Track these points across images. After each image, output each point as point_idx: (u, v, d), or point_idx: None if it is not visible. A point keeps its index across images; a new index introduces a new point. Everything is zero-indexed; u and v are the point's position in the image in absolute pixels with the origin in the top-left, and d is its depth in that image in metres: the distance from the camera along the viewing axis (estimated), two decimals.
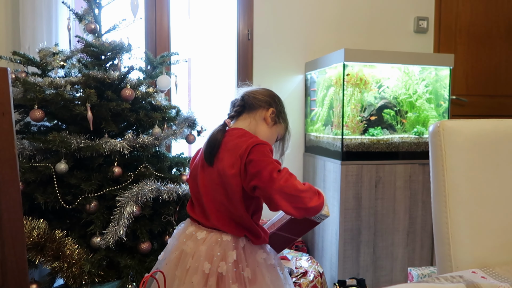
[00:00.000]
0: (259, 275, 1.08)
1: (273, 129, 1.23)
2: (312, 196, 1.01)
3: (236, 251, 1.07)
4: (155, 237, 1.57)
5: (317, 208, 1.02)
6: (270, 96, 1.24)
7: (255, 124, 1.20)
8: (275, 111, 1.22)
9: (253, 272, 1.08)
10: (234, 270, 1.05)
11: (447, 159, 0.85)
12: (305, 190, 1.01)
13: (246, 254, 1.10)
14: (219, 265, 1.04)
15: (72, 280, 1.33)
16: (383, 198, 2.03)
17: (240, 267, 1.06)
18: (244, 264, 1.07)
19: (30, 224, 1.32)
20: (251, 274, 1.07)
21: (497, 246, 0.86)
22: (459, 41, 2.71)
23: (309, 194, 1.01)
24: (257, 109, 1.20)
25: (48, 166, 1.42)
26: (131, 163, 1.61)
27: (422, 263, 2.09)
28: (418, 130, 2.12)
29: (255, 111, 1.20)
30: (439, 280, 0.74)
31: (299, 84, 2.50)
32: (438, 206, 0.86)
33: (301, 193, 1.00)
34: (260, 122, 1.21)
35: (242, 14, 2.40)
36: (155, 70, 1.82)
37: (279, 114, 1.23)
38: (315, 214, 1.04)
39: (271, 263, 1.13)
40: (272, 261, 1.13)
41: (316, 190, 1.04)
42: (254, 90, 1.24)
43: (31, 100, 1.47)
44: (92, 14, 1.71)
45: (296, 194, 1.00)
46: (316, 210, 1.02)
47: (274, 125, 1.23)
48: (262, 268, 1.09)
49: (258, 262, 1.10)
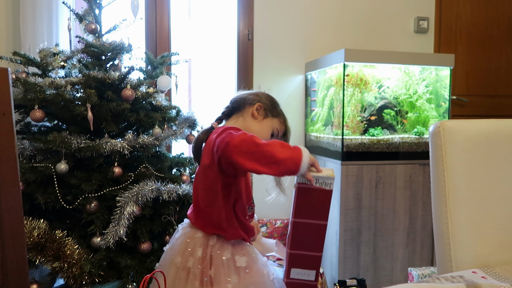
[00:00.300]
0: (222, 276, 1.04)
1: (264, 123, 1.19)
2: (279, 148, 0.93)
3: (202, 248, 1.08)
4: (155, 237, 1.57)
5: (292, 159, 0.93)
6: (257, 93, 1.22)
7: (243, 121, 1.18)
8: (262, 105, 1.19)
9: (217, 272, 1.05)
10: (198, 266, 1.06)
11: (447, 159, 0.85)
12: (267, 144, 0.94)
13: (213, 253, 1.07)
14: (188, 259, 1.07)
15: (73, 280, 1.34)
16: (383, 198, 2.03)
17: (204, 264, 1.06)
18: (208, 262, 1.07)
19: (30, 224, 1.32)
20: (214, 274, 1.04)
21: (497, 246, 0.86)
22: (460, 41, 2.71)
23: (275, 147, 0.93)
24: (244, 107, 1.19)
25: (48, 166, 1.42)
26: (131, 163, 1.62)
27: (422, 263, 2.09)
28: (419, 130, 2.12)
29: (243, 110, 1.19)
30: (440, 280, 0.74)
31: (299, 84, 2.50)
32: (438, 206, 0.86)
33: (262, 147, 0.93)
34: (248, 118, 1.18)
35: (243, 14, 2.40)
36: (155, 70, 1.82)
37: (268, 108, 1.20)
38: (295, 167, 0.93)
39: (242, 265, 1.05)
40: (243, 264, 1.05)
41: (285, 144, 0.97)
42: (242, 93, 1.24)
43: (31, 100, 1.47)
44: (93, 15, 1.71)
45: (256, 150, 0.92)
46: (293, 161, 0.93)
47: (264, 119, 1.19)
48: (227, 270, 1.04)
49: (222, 262, 1.06)
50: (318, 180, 1.00)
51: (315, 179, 1.00)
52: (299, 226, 1.05)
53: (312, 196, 1.02)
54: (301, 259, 1.06)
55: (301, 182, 1.01)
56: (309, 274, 1.07)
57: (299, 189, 1.02)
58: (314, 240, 1.06)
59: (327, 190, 1.01)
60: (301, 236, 1.05)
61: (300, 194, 1.03)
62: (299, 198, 1.03)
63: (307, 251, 1.06)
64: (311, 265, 1.07)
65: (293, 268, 1.07)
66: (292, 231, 1.05)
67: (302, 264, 1.07)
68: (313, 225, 1.05)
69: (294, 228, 1.05)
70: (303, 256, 1.06)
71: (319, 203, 1.03)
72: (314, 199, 1.02)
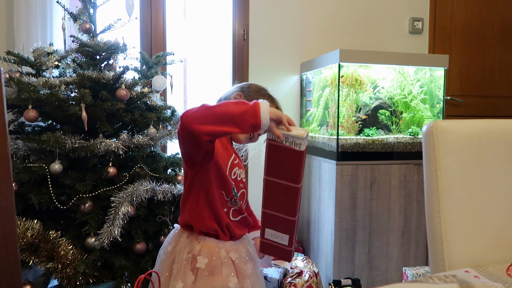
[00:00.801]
0: (179, 274, 1.04)
1: None
2: (232, 105, 0.91)
3: (174, 244, 1.11)
4: (150, 238, 1.56)
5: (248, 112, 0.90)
6: (242, 86, 1.21)
7: None
8: (241, 94, 1.17)
9: (177, 269, 1.05)
10: (168, 262, 1.09)
11: (440, 159, 0.86)
12: (219, 105, 0.93)
13: (180, 249, 1.08)
14: (163, 255, 1.14)
15: (67, 281, 1.33)
16: (378, 198, 2.03)
17: (170, 260, 1.09)
18: (173, 258, 1.08)
19: (24, 224, 1.31)
20: (176, 270, 1.05)
21: (490, 245, 0.87)
22: (454, 42, 2.72)
23: (228, 106, 0.92)
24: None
25: (42, 166, 1.41)
26: (126, 163, 1.61)
27: (417, 263, 2.10)
28: (413, 131, 2.13)
29: None
30: (433, 280, 0.74)
31: (295, 84, 2.50)
32: (431, 206, 0.87)
33: (214, 108, 0.91)
34: None
35: (238, 14, 2.40)
36: (150, 70, 1.82)
37: (249, 95, 1.18)
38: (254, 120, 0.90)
39: (201, 267, 1.03)
40: (202, 265, 1.03)
41: (241, 101, 0.94)
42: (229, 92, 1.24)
43: (25, 100, 1.46)
44: (87, 14, 1.71)
45: (209, 112, 0.91)
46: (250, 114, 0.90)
47: None
48: (184, 268, 1.04)
49: (184, 259, 1.05)
50: (287, 138, 0.96)
51: (284, 137, 0.95)
52: (271, 185, 1.00)
53: (283, 155, 0.97)
54: (274, 220, 1.03)
55: (272, 139, 0.97)
56: (282, 238, 1.04)
57: (270, 146, 0.98)
58: (287, 203, 1.01)
59: (297, 150, 0.95)
60: (274, 197, 1.01)
61: (270, 150, 0.98)
62: (270, 155, 0.98)
63: (280, 213, 1.02)
64: (284, 228, 1.03)
65: (266, 228, 1.04)
66: (265, 189, 1.02)
67: (276, 226, 1.03)
68: (285, 186, 1.00)
69: (266, 187, 1.01)
70: (276, 217, 1.02)
71: (290, 164, 0.98)
72: (285, 158, 0.98)
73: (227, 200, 1.11)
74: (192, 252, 1.05)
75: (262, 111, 0.90)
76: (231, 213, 1.12)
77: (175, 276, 1.04)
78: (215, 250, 1.06)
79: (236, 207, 1.13)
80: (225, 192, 1.10)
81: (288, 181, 0.99)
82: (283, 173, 0.99)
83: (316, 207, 2.21)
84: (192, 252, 1.05)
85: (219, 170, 1.09)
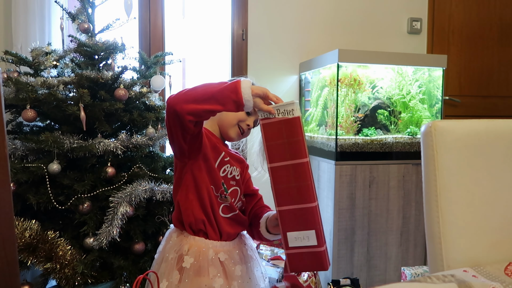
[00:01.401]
0: (165, 273, 1.03)
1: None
2: (214, 84, 0.92)
3: (164, 243, 1.11)
4: (148, 238, 1.56)
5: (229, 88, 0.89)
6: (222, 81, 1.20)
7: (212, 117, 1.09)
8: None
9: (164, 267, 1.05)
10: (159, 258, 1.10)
11: (438, 159, 0.86)
12: (202, 84, 0.94)
13: (169, 247, 1.08)
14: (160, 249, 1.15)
15: (65, 281, 1.33)
16: (376, 198, 2.04)
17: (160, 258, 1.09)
18: (161, 256, 1.09)
19: (22, 225, 1.31)
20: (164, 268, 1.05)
21: (488, 245, 0.87)
22: (452, 42, 2.73)
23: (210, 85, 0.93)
24: None
25: (40, 166, 1.41)
26: (124, 163, 1.61)
27: (415, 263, 2.10)
28: (412, 131, 2.13)
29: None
30: (431, 279, 0.74)
31: (294, 84, 2.50)
32: (430, 205, 0.87)
33: (196, 88, 0.93)
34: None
35: (237, 14, 2.40)
36: (149, 70, 1.82)
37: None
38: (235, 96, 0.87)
39: (186, 266, 1.02)
40: (187, 265, 1.02)
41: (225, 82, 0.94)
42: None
43: (23, 100, 1.46)
44: (86, 14, 1.70)
45: (191, 92, 0.92)
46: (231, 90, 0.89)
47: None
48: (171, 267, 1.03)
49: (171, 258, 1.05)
50: (279, 110, 0.90)
51: (276, 110, 0.90)
52: (277, 173, 0.91)
53: (279, 132, 0.90)
54: (293, 216, 0.91)
55: (264, 117, 0.92)
56: (309, 237, 0.92)
57: (264, 126, 0.91)
58: (300, 187, 0.90)
59: (293, 118, 0.88)
60: (284, 186, 0.91)
61: (266, 131, 0.91)
62: (267, 137, 0.91)
63: (297, 204, 0.91)
64: (307, 222, 0.91)
65: (288, 233, 0.92)
66: (273, 180, 0.92)
67: (297, 224, 0.91)
68: (293, 166, 0.90)
69: (273, 176, 0.91)
70: (294, 212, 0.91)
71: (290, 137, 0.89)
72: (282, 134, 0.90)
73: (217, 195, 1.09)
74: (180, 252, 1.05)
75: (243, 86, 0.90)
76: (220, 209, 1.10)
77: (161, 275, 1.04)
78: (203, 250, 1.05)
79: (227, 203, 1.11)
80: (215, 187, 1.08)
81: (294, 158, 0.90)
82: (286, 152, 0.90)
83: None
84: (180, 252, 1.05)
85: (208, 164, 1.07)
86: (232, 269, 1.06)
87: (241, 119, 1.13)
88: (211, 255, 1.05)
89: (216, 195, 1.09)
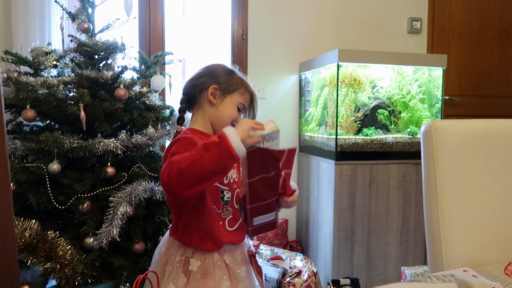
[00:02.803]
0: (172, 276, 1.02)
1: (225, 105, 1.07)
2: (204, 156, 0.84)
3: (166, 245, 1.10)
4: (148, 238, 1.56)
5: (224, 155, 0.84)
6: (209, 71, 1.09)
7: (203, 113, 1.07)
8: (216, 87, 1.06)
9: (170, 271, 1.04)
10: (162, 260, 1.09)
11: (438, 159, 0.86)
12: (191, 161, 0.84)
13: (173, 251, 1.06)
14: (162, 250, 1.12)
15: (65, 281, 1.33)
16: (376, 198, 2.04)
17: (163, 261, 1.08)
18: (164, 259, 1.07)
19: (22, 224, 1.31)
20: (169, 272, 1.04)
21: (488, 245, 0.87)
22: (452, 41, 2.73)
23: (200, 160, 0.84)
24: (200, 96, 1.07)
25: (40, 166, 1.41)
26: (124, 163, 1.61)
27: (415, 262, 2.10)
28: (412, 130, 2.13)
29: (199, 100, 1.08)
30: (431, 279, 0.74)
31: (294, 84, 2.50)
32: (430, 205, 0.87)
33: (188, 169, 0.83)
34: (207, 108, 1.07)
35: (237, 14, 2.40)
36: (149, 70, 1.82)
37: (224, 86, 1.07)
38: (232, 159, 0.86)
39: (193, 269, 1.01)
40: (194, 268, 1.01)
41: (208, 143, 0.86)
42: (193, 75, 1.11)
43: (23, 99, 1.46)
44: (86, 13, 1.70)
45: (187, 176, 0.84)
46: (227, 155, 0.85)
47: (224, 100, 1.07)
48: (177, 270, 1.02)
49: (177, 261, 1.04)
50: (265, 137, 0.96)
51: (263, 138, 0.94)
52: (255, 185, 1.00)
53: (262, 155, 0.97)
54: (260, 208, 1.05)
55: (250, 147, 0.95)
56: (269, 216, 1.08)
57: (249, 153, 0.95)
58: (270, 187, 1.02)
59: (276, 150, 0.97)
60: (258, 192, 1.01)
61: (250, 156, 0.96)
62: (250, 160, 0.96)
63: (265, 200, 1.03)
64: (270, 209, 1.07)
65: (254, 218, 1.07)
66: (249, 191, 1.00)
67: (263, 212, 1.06)
68: (268, 177, 1.00)
69: (250, 188, 1.00)
70: (262, 205, 1.04)
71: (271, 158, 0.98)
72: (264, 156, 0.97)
73: (220, 212, 1.05)
74: (185, 254, 1.03)
75: (234, 144, 0.85)
76: (227, 223, 1.06)
77: (167, 278, 1.02)
78: (209, 253, 1.04)
79: (231, 215, 1.07)
80: (216, 206, 1.04)
81: (271, 171, 0.99)
82: (265, 168, 0.98)
83: (315, 206, 2.22)
84: (185, 254, 1.03)
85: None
86: (238, 271, 1.05)
87: (234, 118, 1.09)
88: (217, 257, 1.04)
89: (219, 212, 1.05)
